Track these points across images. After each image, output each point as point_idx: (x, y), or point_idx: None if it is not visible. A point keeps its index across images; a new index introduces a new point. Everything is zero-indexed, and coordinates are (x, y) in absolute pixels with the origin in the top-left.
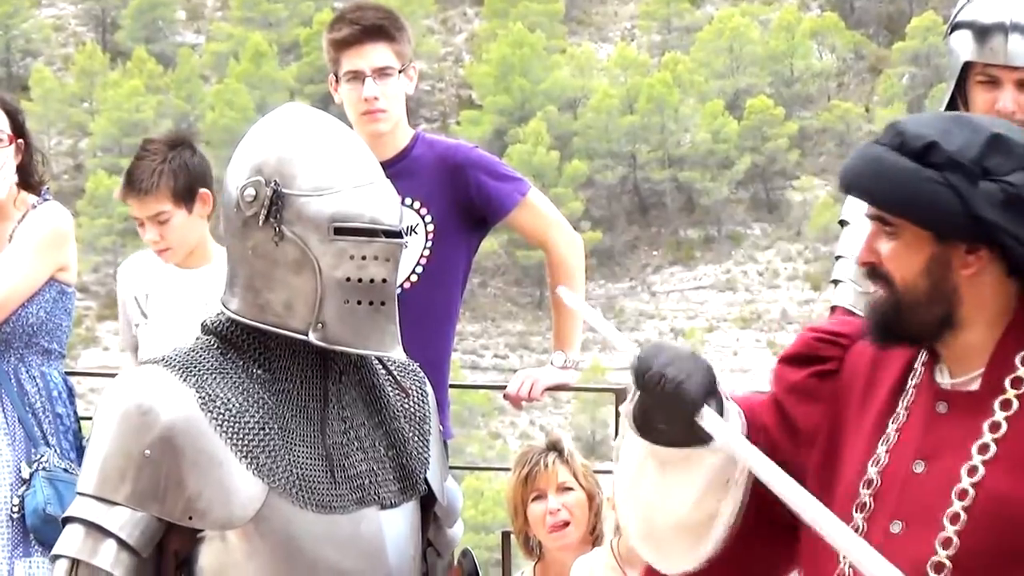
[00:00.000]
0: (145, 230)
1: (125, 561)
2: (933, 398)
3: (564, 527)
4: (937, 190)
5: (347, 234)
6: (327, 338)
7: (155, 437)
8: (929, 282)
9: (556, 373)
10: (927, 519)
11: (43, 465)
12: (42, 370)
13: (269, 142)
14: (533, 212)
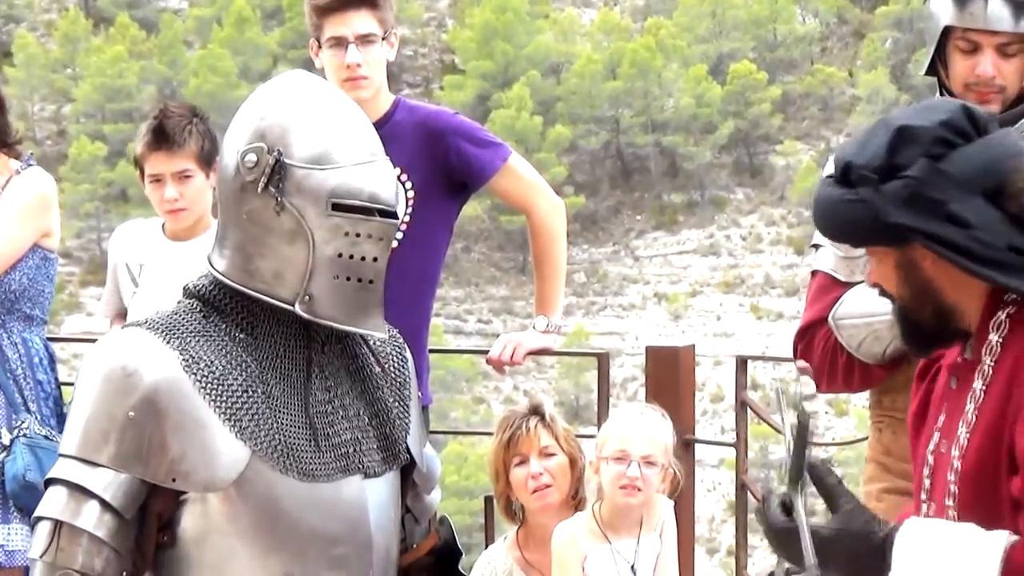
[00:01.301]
0: (163, 187)
1: (108, 522)
2: (950, 372)
3: (546, 489)
4: (853, 208)
5: (344, 210)
6: (313, 311)
7: (139, 399)
8: (908, 286)
9: (538, 337)
10: (939, 500)
11: (23, 432)
12: (23, 336)
13: (274, 109)
14: (515, 177)
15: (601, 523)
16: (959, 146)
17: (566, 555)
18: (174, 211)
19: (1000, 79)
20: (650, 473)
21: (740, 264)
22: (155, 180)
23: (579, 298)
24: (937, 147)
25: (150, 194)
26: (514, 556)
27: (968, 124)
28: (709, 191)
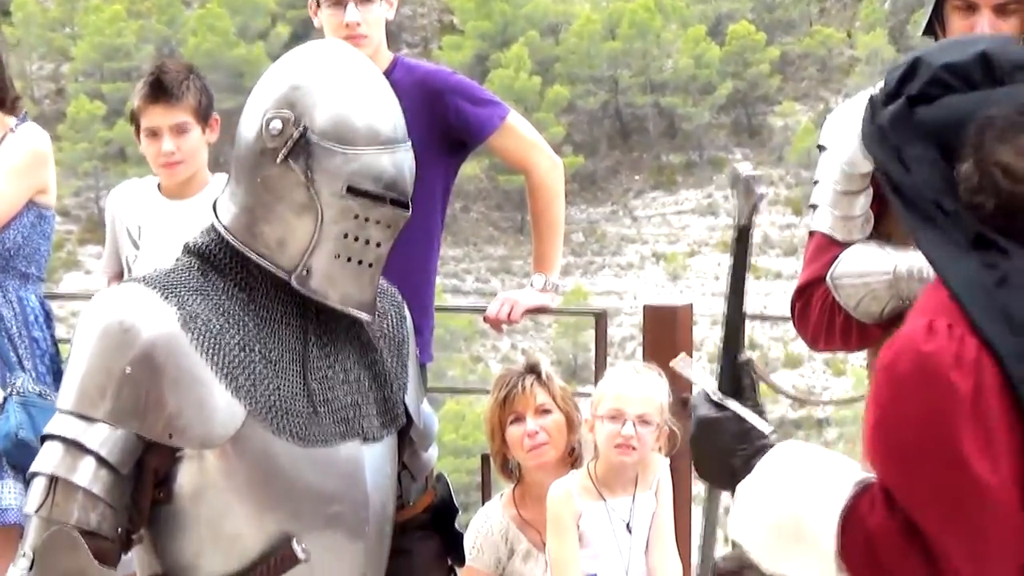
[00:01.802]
0: (160, 141)
1: (104, 478)
2: None
3: (542, 447)
4: (867, 131)
5: (358, 194)
6: (306, 285)
7: (136, 354)
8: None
9: (535, 296)
10: None
11: (17, 390)
12: (19, 294)
13: (307, 78)
14: (513, 136)
15: (596, 481)
16: (954, 92)
17: (561, 513)
18: (170, 164)
19: None
20: (645, 432)
21: None
22: (151, 134)
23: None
24: (933, 87)
25: (146, 148)
26: (510, 514)
27: (978, 71)
28: (707, 151)
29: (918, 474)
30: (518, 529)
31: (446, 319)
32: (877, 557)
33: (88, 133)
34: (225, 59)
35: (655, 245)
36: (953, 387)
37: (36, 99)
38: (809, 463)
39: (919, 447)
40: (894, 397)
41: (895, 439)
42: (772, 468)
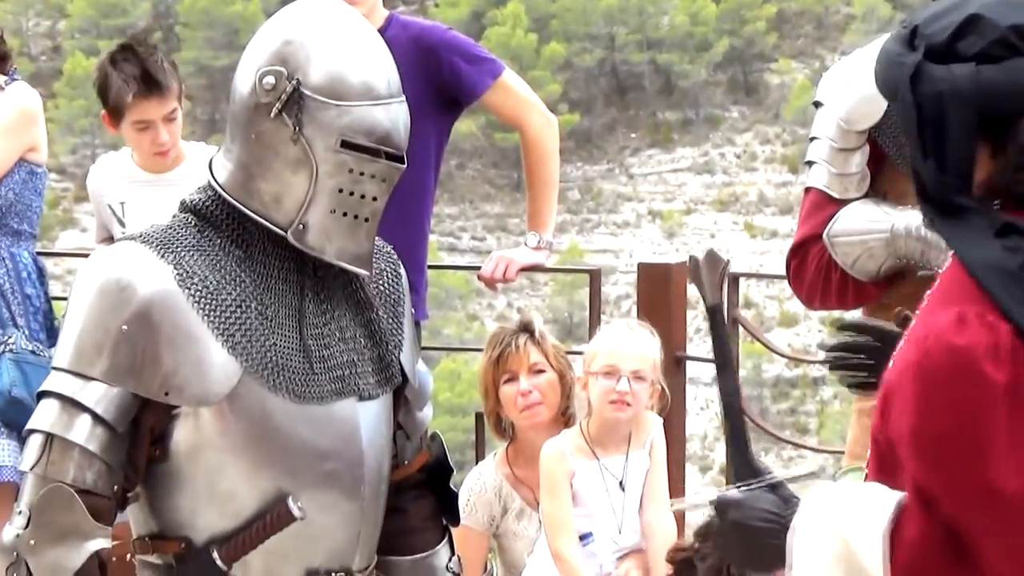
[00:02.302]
0: (152, 132)
1: (100, 436)
2: None
3: (536, 406)
4: (899, 69)
5: (352, 148)
6: (303, 240)
7: (132, 312)
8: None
9: (530, 254)
10: None
11: (10, 347)
12: (11, 251)
13: (299, 33)
14: (507, 93)
15: (589, 440)
16: (1019, 55)
17: (554, 471)
18: (164, 152)
19: None
20: (639, 388)
21: (735, 182)
22: (142, 127)
23: (573, 215)
24: (996, 48)
25: (134, 139)
26: (503, 472)
27: None
28: (704, 109)
29: (953, 474)
30: (511, 487)
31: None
32: (922, 569)
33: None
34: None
35: (651, 203)
36: (989, 381)
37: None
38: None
39: (954, 446)
40: (928, 396)
41: (930, 438)
42: (813, 512)
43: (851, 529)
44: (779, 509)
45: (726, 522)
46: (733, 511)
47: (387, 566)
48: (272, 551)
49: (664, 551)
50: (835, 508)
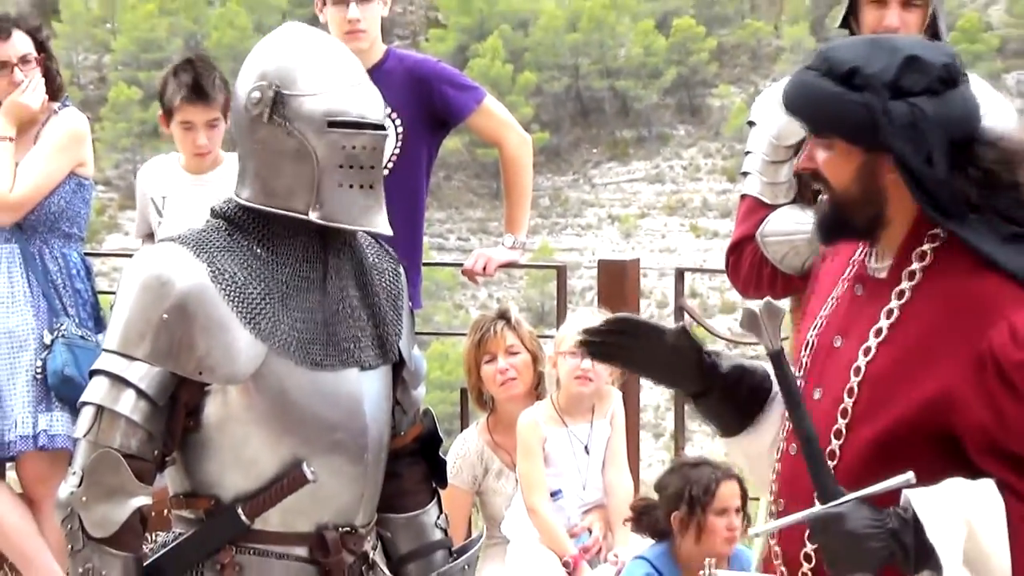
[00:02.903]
0: (194, 133)
1: (142, 408)
2: (857, 280)
3: (512, 382)
4: (854, 108)
5: (338, 127)
6: (325, 216)
7: (171, 304)
8: (860, 186)
9: (506, 252)
10: (835, 389)
11: (63, 333)
12: (63, 251)
13: (272, 53)
14: (489, 116)
15: (559, 410)
16: (951, 89)
17: (529, 437)
18: (202, 154)
19: (904, 29)
20: (601, 367)
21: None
22: (187, 127)
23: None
24: (937, 84)
25: (180, 138)
26: (484, 439)
27: (958, 72)
28: (655, 128)
29: None
30: (491, 451)
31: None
32: None
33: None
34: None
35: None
36: None
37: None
38: (956, 495)
39: None
40: None
41: None
42: (935, 508)
43: (974, 515)
44: (877, 516)
45: (837, 533)
46: (844, 524)
47: (385, 522)
48: (288, 508)
49: (623, 506)
50: (953, 500)
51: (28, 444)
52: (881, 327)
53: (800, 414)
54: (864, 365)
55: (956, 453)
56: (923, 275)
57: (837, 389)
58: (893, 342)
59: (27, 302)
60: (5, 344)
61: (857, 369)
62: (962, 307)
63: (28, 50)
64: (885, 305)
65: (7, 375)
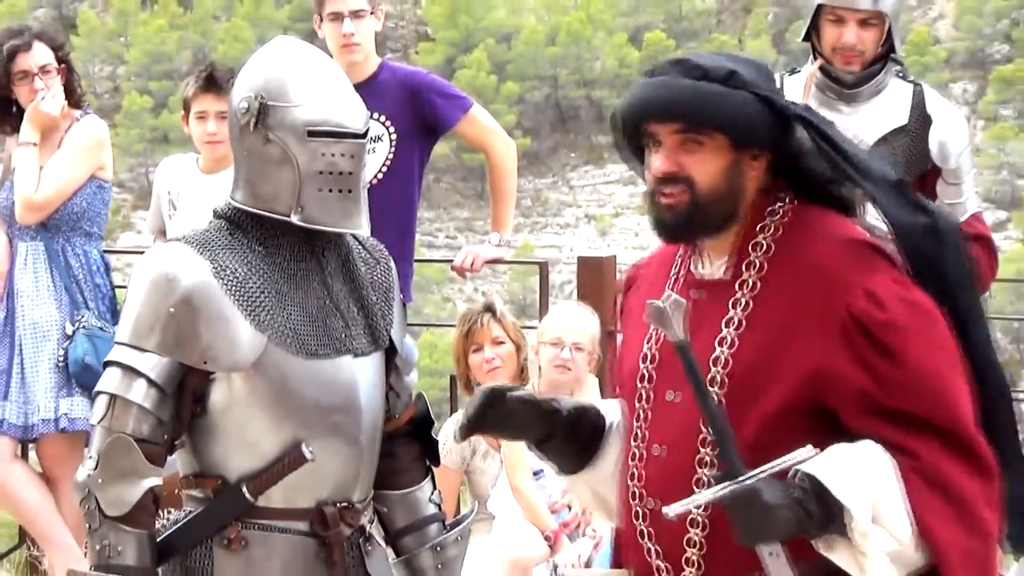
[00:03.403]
0: (206, 123)
1: (153, 396)
2: (690, 286)
3: (497, 370)
4: (744, 106)
5: (318, 136)
6: (306, 219)
7: (178, 299)
8: (726, 183)
9: (492, 249)
10: (685, 383)
11: (83, 324)
12: (84, 249)
13: (260, 66)
14: (475, 123)
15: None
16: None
17: None
18: (212, 142)
19: (860, 46)
20: (579, 356)
21: None
22: (200, 117)
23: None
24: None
25: (193, 128)
26: None
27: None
28: None
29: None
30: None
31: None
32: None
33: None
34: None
35: (587, 209)
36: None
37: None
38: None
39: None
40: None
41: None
42: (840, 476)
43: (868, 473)
44: (785, 488)
45: (754, 506)
46: (760, 496)
47: (382, 499)
48: (289, 486)
49: None
50: (846, 462)
51: (50, 427)
52: (734, 317)
53: (706, 399)
54: (728, 356)
55: (828, 425)
56: (768, 264)
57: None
58: (754, 329)
59: (51, 295)
60: (30, 335)
61: (717, 360)
62: (813, 282)
63: (48, 61)
64: (731, 298)
65: (32, 363)
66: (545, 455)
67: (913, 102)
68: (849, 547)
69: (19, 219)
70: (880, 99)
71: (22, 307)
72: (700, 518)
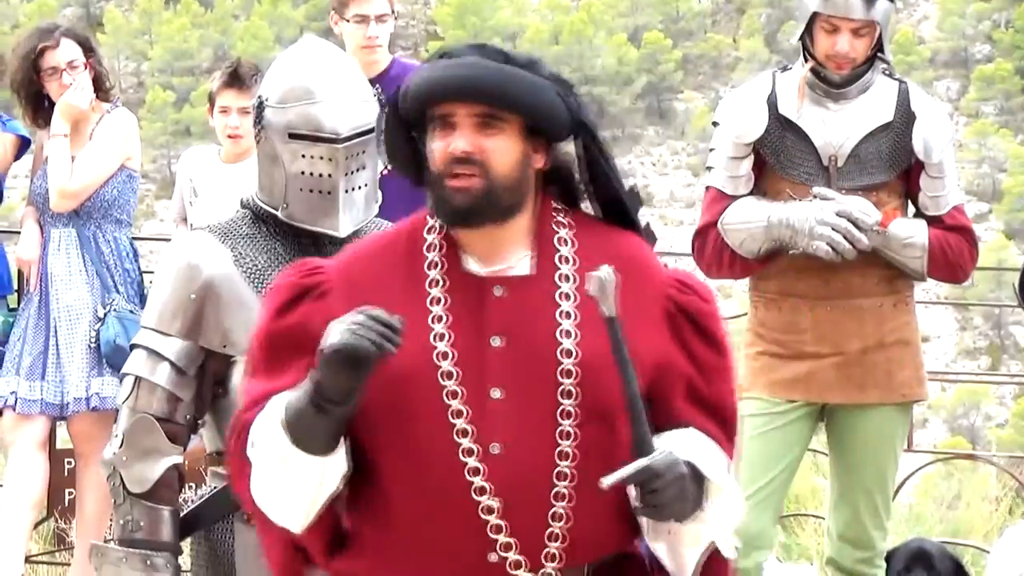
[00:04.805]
0: (229, 117)
1: (176, 378)
2: (481, 284)
3: None
4: (545, 89)
5: (297, 138)
6: (289, 215)
7: (200, 285)
8: (518, 172)
9: None
10: (536, 383)
11: (114, 307)
12: (114, 235)
13: (273, 67)
14: None
15: None
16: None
17: None
18: (234, 136)
19: (852, 53)
20: None
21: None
22: (223, 111)
23: None
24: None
25: (216, 120)
26: None
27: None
28: (628, 129)
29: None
30: None
31: None
32: None
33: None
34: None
35: None
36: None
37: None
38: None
39: None
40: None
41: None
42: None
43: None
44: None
45: (672, 478)
46: (676, 468)
47: None
48: None
49: None
50: (688, 445)
51: (81, 406)
52: (567, 311)
53: (629, 376)
54: (574, 347)
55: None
56: (578, 258)
57: (541, 381)
58: (590, 321)
59: (83, 280)
60: (64, 317)
61: (566, 352)
62: (631, 273)
63: (75, 56)
64: (555, 292)
65: (66, 344)
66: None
67: (898, 99)
68: (680, 533)
69: (53, 206)
70: (867, 96)
71: (56, 291)
72: (563, 510)
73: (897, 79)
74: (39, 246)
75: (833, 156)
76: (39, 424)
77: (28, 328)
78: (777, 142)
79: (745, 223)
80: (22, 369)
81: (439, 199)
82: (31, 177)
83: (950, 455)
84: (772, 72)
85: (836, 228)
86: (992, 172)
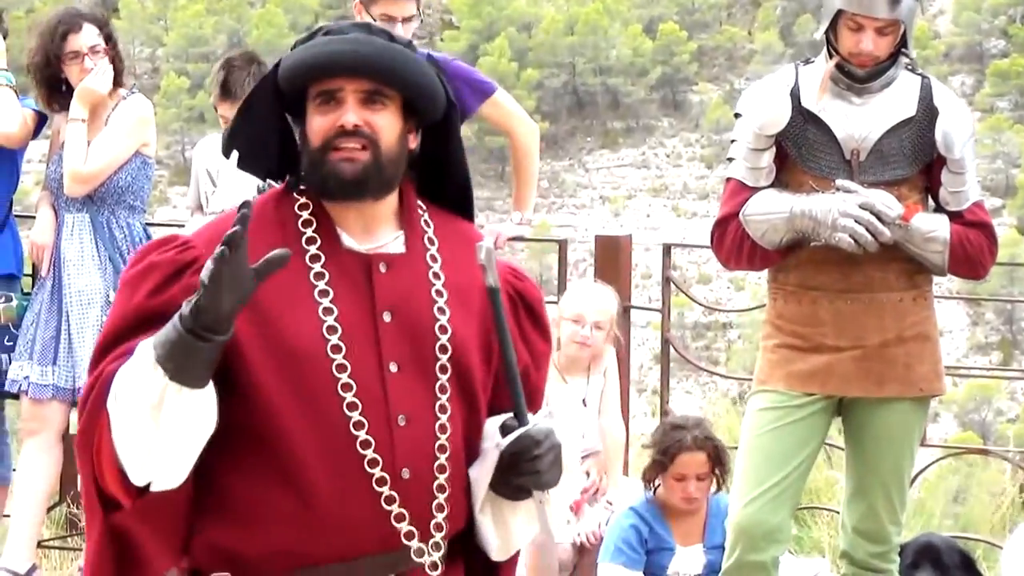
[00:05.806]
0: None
1: None
2: (364, 260)
3: None
4: (434, 75)
5: None
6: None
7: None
8: (399, 148)
9: (514, 227)
10: (420, 358)
11: None
12: (128, 221)
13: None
14: (500, 107)
15: (559, 369)
16: None
17: None
18: None
19: (876, 51)
20: (598, 334)
21: (665, 175)
22: (224, 120)
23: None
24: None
25: (222, 126)
26: None
27: None
28: (642, 120)
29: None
30: None
31: None
32: None
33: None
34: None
35: (602, 191)
36: None
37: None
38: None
39: None
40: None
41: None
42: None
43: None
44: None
45: (553, 444)
46: (555, 436)
47: None
48: None
49: (616, 447)
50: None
51: None
52: (439, 289)
53: (508, 345)
54: (447, 324)
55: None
56: (438, 238)
57: (423, 356)
58: (455, 300)
59: (95, 265)
60: (76, 302)
61: (443, 328)
62: (474, 258)
63: (96, 41)
64: (427, 271)
65: (78, 329)
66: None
67: (921, 94)
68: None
69: (67, 191)
70: (890, 91)
71: (68, 276)
72: (444, 482)
73: (920, 74)
74: (53, 231)
75: (855, 150)
76: (58, 412)
77: (41, 312)
78: (799, 135)
79: (767, 214)
80: (35, 354)
81: (326, 173)
82: (47, 162)
83: (964, 450)
84: (795, 64)
85: (859, 220)
86: (1006, 167)
